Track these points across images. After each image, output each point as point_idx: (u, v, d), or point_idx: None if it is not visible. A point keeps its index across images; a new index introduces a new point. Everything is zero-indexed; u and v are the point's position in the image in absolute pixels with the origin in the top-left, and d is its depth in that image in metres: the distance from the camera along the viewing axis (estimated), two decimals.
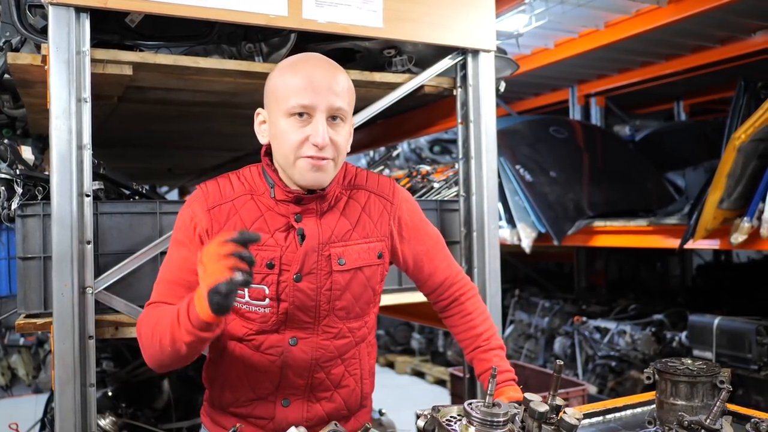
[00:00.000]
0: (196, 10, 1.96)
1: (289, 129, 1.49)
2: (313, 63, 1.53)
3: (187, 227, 1.57)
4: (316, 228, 1.56)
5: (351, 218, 1.62)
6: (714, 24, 4.70)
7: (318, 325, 1.59)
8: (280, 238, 1.55)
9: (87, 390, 1.92)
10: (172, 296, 1.52)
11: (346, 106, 1.53)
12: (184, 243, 1.56)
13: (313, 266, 1.55)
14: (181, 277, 1.54)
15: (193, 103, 2.66)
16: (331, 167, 1.52)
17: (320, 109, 1.48)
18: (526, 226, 4.87)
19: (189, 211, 1.58)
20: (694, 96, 7.16)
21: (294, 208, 1.56)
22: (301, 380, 1.60)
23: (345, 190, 1.64)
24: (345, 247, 1.59)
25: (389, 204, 1.68)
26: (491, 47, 2.45)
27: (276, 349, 1.57)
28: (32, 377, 6.65)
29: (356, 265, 1.60)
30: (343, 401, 1.66)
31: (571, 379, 4.72)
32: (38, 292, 2.04)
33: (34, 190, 2.13)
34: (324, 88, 1.48)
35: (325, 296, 1.57)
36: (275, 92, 1.52)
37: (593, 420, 1.71)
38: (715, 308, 4.75)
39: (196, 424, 3.34)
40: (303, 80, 1.48)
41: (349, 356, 1.65)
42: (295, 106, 1.47)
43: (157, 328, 1.44)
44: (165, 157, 4.81)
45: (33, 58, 2.00)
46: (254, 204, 1.57)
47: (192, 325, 1.34)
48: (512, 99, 7.28)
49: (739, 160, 3.61)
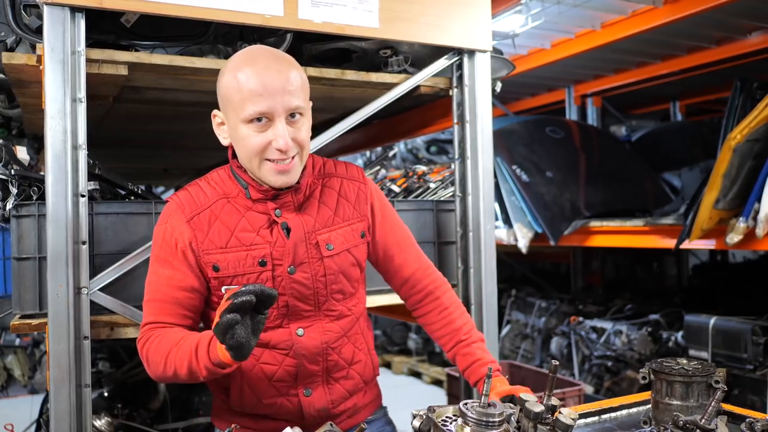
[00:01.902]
0: (191, 10, 1.96)
1: (249, 134, 1.49)
2: (264, 63, 1.50)
3: (168, 244, 1.57)
4: (299, 219, 1.60)
5: (330, 204, 1.66)
6: (710, 24, 4.71)
7: (319, 311, 1.63)
8: (266, 235, 1.57)
9: (82, 391, 1.91)
10: (166, 314, 1.56)
11: (303, 103, 1.54)
12: (167, 261, 1.57)
13: (304, 256, 1.59)
14: (169, 295, 1.56)
15: (188, 103, 2.66)
16: (297, 164, 1.55)
17: (278, 113, 1.48)
18: (522, 226, 4.87)
19: (166, 228, 1.58)
20: (691, 96, 7.17)
21: (272, 204, 1.58)
22: (317, 366, 1.63)
23: (317, 179, 1.68)
24: (330, 232, 1.63)
25: (362, 185, 1.73)
26: (487, 47, 2.45)
27: (285, 343, 1.60)
28: (28, 378, 6.64)
29: (344, 248, 1.64)
30: (359, 375, 1.72)
31: (568, 379, 4.73)
32: (33, 292, 2.03)
33: (29, 190, 2.12)
34: (278, 90, 1.47)
35: (321, 282, 1.61)
36: (230, 98, 1.51)
37: (589, 420, 1.71)
38: (711, 308, 4.75)
39: (192, 424, 3.33)
40: (256, 86, 1.46)
41: (353, 333, 1.69)
42: (252, 113, 1.47)
43: (170, 359, 1.47)
44: (161, 157, 4.81)
45: (28, 58, 2.00)
46: (232, 206, 1.59)
47: (211, 363, 1.39)
48: (509, 99, 7.29)
49: (735, 160, 3.61)
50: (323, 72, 2.29)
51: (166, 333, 1.53)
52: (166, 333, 1.53)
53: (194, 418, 3.36)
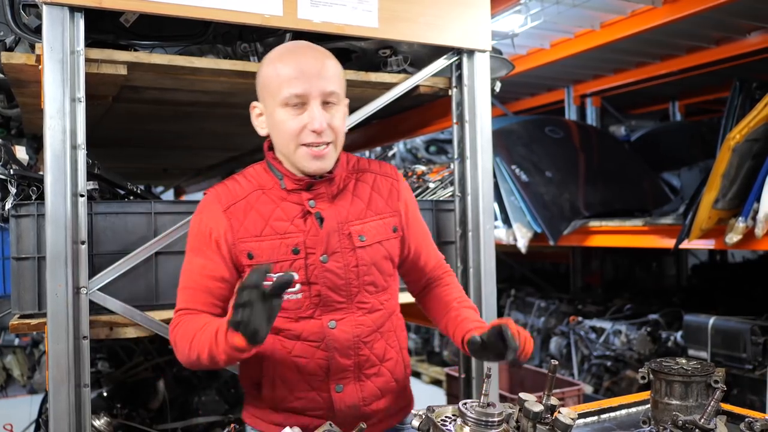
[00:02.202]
0: (191, 9, 1.96)
1: (286, 118, 1.55)
2: (301, 51, 1.59)
3: (203, 234, 1.61)
4: (332, 209, 1.63)
5: (363, 198, 1.69)
6: (709, 24, 4.71)
7: (352, 303, 1.64)
8: (299, 224, 1.60)
9: (81, 390, 1.92)
10: (197, 302, 1.59)
11: (338, 90, 1.60)
12: (200, 250, 1.61)
13: (336, 246, 1.61)
14: (201, 284, 1.60)
15: (188, 102, 2.66)
16: (331, 151, 1.59)
17: (313, 96, 1.54)
18: (521, 226, 4.87)
19: (202, 218, 1.63)
20: (690, 96, 7.17)
21: (306, 195, 1.62)
22: (348, 360, 1.63)
23: (351, 174, 1.71)
24: (363, 224, 1.65)
25: (395, 181, 1.76)
26: (486, 47, 2.45)
27: (317, 335, 1.61)
28: (27, 378, 6.63)
29: (376, 240, 1.66)
30: (390, 373, 1.71)
31: (567, 379, 4.73)
32: (32, 292, 2.04)
33: (28, 190, 2.13)
34: (314, 74, 1.54)
35: (353, 273, 1.62)
36: (268, 85, 1.58)
37: (588, 420, 1.71)
38: (710, 308, 4.75)
39: (191, 424, 3.33)
40: (293, 70, 1.53)
41: (385, 329, 1.70)
42: (289, 96, 1.53)
43: (194, 344, 1.49)
44: (160, 157, 4.80)
45: (27, 57, 2.00)
46: (267, 197, 1.62)
47: (229, 347, 1.40)
48: (508, 99, 7.29)
49: (734, 160, 3.61)
50: None
51: (193, 319, 1.56)
52: (193, 319, 1.56)
53: (193, 417, 3.36)
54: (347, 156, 1.73)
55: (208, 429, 3.36)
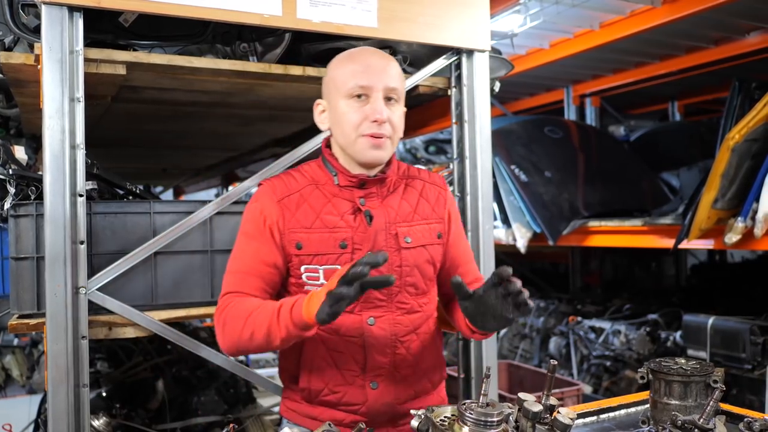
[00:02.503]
0: (190, 9, 1.96)
1: (348, 110, 1.63)
2: (368, 52, 1.71)
3: (257, 220, 1.66)
4: (382, 209, 1.69)
5: (411, 202, 1.75)
6: (708, 24, 4.71)
7: (392, 302, 1.67)
8: (349, 220, 1.66)
9: (80, 390, 1.91)
10: (248, 286, 1.63)
11: (400, 87, 1.67)
12: (254, 236, 1.66)
13: (383, 244, 1.66)
14: (253, 268, 1.64)
15: (187, 102, 2.66)
16: (388, 145, 1.65)
17: (377, 89, 1.62)
18: (521, 226, 4.87)
19: (258, 206, 1.68)
20: (689, 96, 7.17)
21: (358, 192, 1.68)
22: (385, 358, 1.67)
23: (401, 179, 1.78)
24: (409, 227, 1.71)
25: (443, 191, 1.82)
26: (486, 47, 2.45)
27: (356, 330, 1.65)
28: (26, 378, 6.62)
29: (421, 243, 1.71)
30: (426, 376, 1.75)
31: (566, 379, 4.73)
32: (31, 292, 2.04)
33: (27, 190, 2.12)
34: (379, 70, 1.63)
35: (396, 272, 1.67)
36: (334, 78, 1.67)
37: (587, 420, 1.71)
38: (709, 308, 4.75)
39: (190, 424, 3.33)
40: (360, 65, 1.64)
41: (422, 331, 1.73)
42: (354, 87, 1.61)
43: (250, 321, 1.53)
44: (159, 157, 4.80)
45: (26, 57, 1.99)
46: (320, 192, 1.69)
47: (293, 323, 1.46)
48: (507, 99, 7.29)
49: (733, 160, 3.61)
50: (322, 72, 2.28)
51: (246, 299, 1.60)
52: (246, 299, 1.60)
53: (192, 418, 3.36)
54: (399, 163, 1.80)
55: (207, 429, 3.36)
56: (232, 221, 2.33)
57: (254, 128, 3.46)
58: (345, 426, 1.65)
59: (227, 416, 3.40)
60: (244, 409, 3.61)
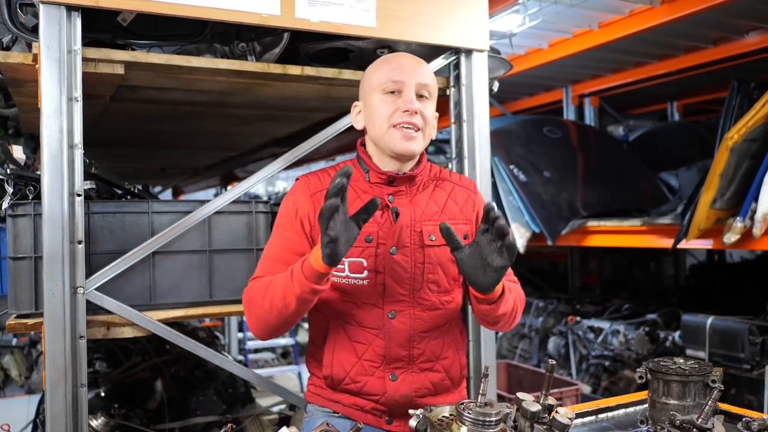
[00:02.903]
0: (188, 9, 1.95)
1: (381, 104, 1.71)
2: (401, 54, 1.81)
3: (290, 212, 1.75)
4: (409, 207, 1.75)
5: (439, 202, 1.80)
6: (707, 24, 4.71)
7: (413, 298, 1.74)
8: (376, 216, 1.71)
9: (78, 390, 1.91)
10: (274, 272, 1.69)
11: (432, 85, 1.75)
12: (286, 226, 1.75)
13: (407, 241, 1.72)
14: (282, 255, 1.72)
15: (185, 102, 2.65)
16: (420, 138, 1.71)
17: (409, 84, 1.70)
18: (520, 225, 4.87)
19: (292, 199, 1.78)
20: (688, 96, 7.18)
21: (387, 189, 1.75)
22: (404, 351, 1.73)
23: (431, 180, 1.83)
24: (435, 226, 1.74)
25: (472, 193, 1.87)
26: (484, 47, 2.45)
27: (377, 323, 1.72)
28: (25, 378, 6.63)
29: (445, 242, 1.69)
30: (445, 372, 1.80)
31: (565, 379, 4.73)
32: (29, 292, 2.03)
33: (25, 189, 2.12)
34: (412, 68, 1.73)
35: (418, 269, 1.73)
36: (370, 79, 1.76)
37: (586, 419, 1.71)
38: (708, 308, 4.75)
39: (188, 424, 3.33)
40: (394, 64, 1.74)
41: (444, 329, 1.79)
42: (387, 82, 1.70)
43: (268, 290, 1.62)
44: (158, 156, 4.80)
45: (24, 56, 1.99)
46: (352, 189, 1.74)
47: (305, 276, 1.53)
48: (506, 99, 7.29)
49: (732, 160, 3.62)
50: (320, 71, 2.29)
51: (268, 279, 1.67)
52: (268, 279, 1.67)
53: (191, 418, 3.35)
54: (431, 164, 1.86)
55: (205, 429, 3.36)
56: (230, 221, 2.33)
57: (253, 128, 3.46)
58: (366, 412, 1.76)
59: (226, 416, 3.40)
60: (243, 409, 3.61)
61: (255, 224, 2.37)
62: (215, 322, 6.32)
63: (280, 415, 3.59)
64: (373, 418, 1.77)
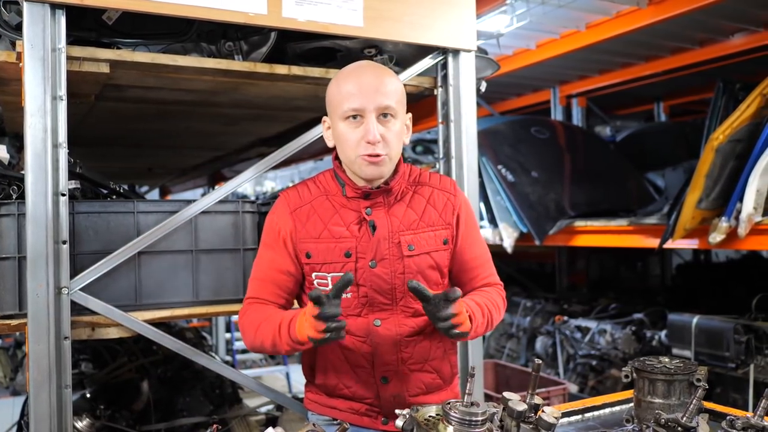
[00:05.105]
0: (174, 7, 1.94)
1: (346, 131, 1.69)
2: (362, 70, 1.73)
3: (273, 231, 1.79)
4: (386, 219, 1.75)
5: (417, 210, 1.80)
6: (693, 26, 4.74)
7: (396, 306, 1.76)
8: (354, 230, 1.74)
9: (63, 392, 1.89)
10: (264, 292, 1.78)
11: (395, 104, 1.71)
12: (271, 246, 1.79)
13: (385, 253, 1.73)
14: (269, 275, 1.78)
15: (172, 101, 2.64)
16: (386, 161, 1.70)
17: (369, 110, 1.67)
18: (507, 225, 4.88)
19: (274, 218, 1.80)
20: (674, 97, 7.23)
21: (364, 203, 1.75)
22: (392, 356, 1.76)
23: (410, 186, 1.83)
24: (414, 234, 1.76)
25: (452, 196, 1.85)
26: (472, 47, 2.46)
27: (363, 331, 1.75)
28: (9, 379, 6.57)
29: (424, 251, 1.77)
30: (436, 372, 1.82)
31: (552, 378, 4.75)
32: (13, 292, 2.01)
33: (8, 189, 2.10)
34: (371, 90, 1.67)
35: (399, 279, 1.74)
36: (331, 101, 1.73)
37: (572, 419, 1.72)
38: (694, 307, 4.79)
39: (174, 426, 3.31)
40: (353, 86, 1.68)
41: (430, 331, 1.79)
42: (347, 110, 1.67)
43: (259, 332, 1.70)
44: (144, 156, 4.77)
45: (8, 55, 1.98)
46: (329, 203, 1.78)
47: (291, 340, 1.62)
48: (494, 99, 7.31)
49: (717, 160, 3.64)
50: (308, 71, 2.28)
51: (260, 308, 1.76)
52: (260, 308, 1.76)
53: (177, 419, 3.34)
54: (410, 169, 1.86)
55: (192, 430, 3.34)
56: (217, 221, 2.32)
57: (240, 127, 3.44)
58: (362, 414, 1.80)
59: (212, 417, 3.38)
60: (230, 409, 3.59)
61: (242, 224, 2.36)
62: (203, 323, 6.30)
63: (268, 415, 3.58)
64: (369, 420, 1.80)
